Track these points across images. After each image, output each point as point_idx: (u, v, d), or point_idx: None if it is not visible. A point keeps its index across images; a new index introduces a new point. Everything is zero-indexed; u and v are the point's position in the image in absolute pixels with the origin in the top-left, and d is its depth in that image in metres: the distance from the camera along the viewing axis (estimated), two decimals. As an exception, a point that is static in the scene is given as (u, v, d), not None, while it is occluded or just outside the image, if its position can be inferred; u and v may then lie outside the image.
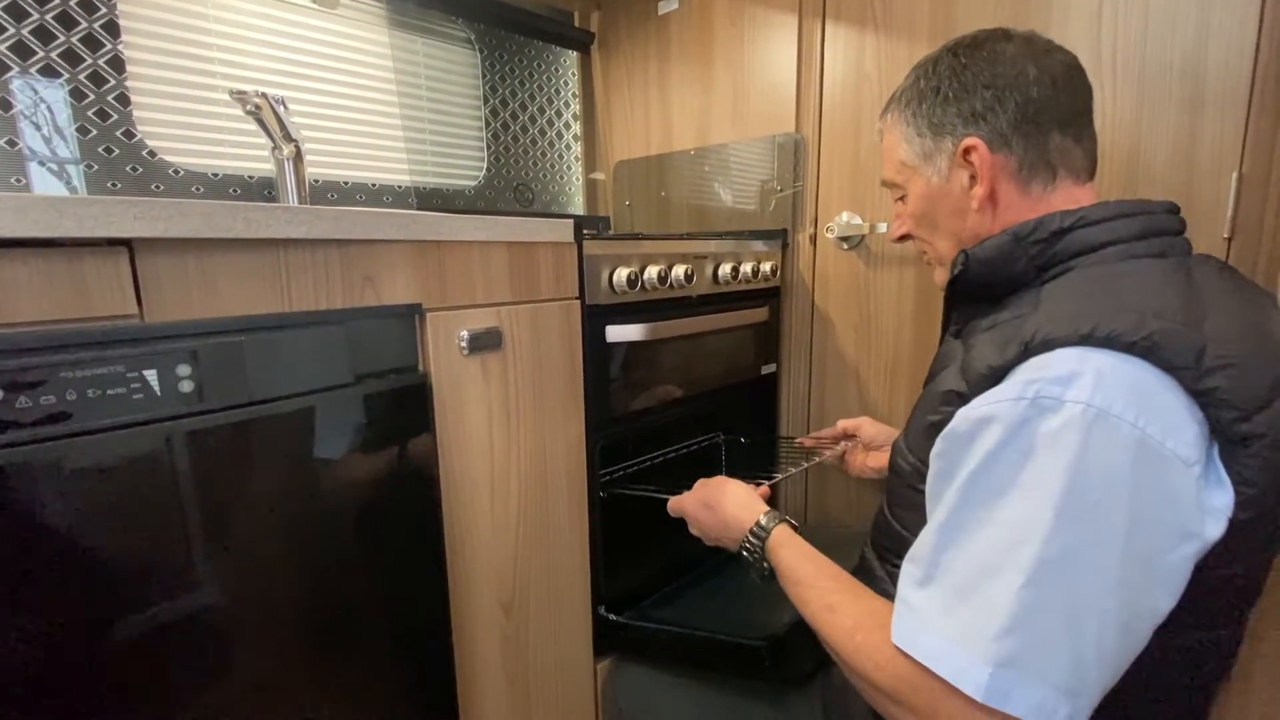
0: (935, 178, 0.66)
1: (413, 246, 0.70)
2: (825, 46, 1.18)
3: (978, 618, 0.45)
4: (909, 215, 0.72)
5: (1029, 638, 0.44)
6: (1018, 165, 0.62)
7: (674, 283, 0.99)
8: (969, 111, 0.63)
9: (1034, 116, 0.61)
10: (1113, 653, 0.45)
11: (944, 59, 0.66)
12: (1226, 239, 0.84)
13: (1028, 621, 0.44)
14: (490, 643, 0.83)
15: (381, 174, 1.28)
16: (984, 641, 0.44)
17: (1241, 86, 0.82)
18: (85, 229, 0.47)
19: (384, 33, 1.26)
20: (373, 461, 0.68)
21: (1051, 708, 0.43)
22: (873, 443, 1.04)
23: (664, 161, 1.47)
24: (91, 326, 0.50)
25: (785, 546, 0.68)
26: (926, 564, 0.49)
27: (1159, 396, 0.46)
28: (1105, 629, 0.44)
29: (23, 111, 0.89)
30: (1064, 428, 0.45)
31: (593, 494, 0.95)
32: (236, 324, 0.56)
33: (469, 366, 0.76)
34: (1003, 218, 0.64)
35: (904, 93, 0.69)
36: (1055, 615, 0.44)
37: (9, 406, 0.45)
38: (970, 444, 0.49)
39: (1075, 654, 0.44)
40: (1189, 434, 0.46)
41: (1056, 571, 0.44)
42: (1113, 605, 0.44)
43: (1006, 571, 0.44)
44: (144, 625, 0.53)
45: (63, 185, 0.94)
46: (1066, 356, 0.47)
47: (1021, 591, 0.44)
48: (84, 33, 0.94)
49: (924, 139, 0.66)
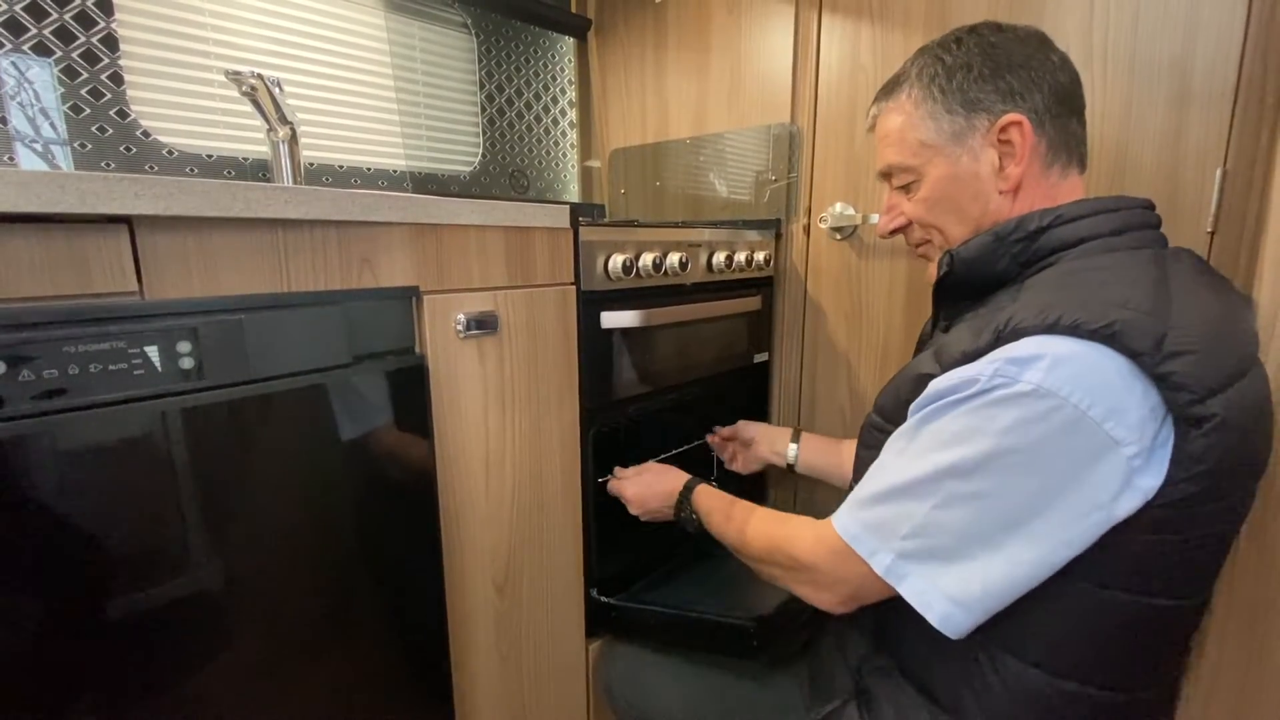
0: (965, 157, 0.64)
1: (410, 229, 0.70)
2: (821, 37, 1.19)
3: (895, 520, 0.56)
4: (920, 201, 0.68)
5: (925, 544, 0.55)
6: (1047, 147, 0.63)
7: (669, 270, 1.00)
8: (1007, 89, 0.62)
9: (1064, 99, 0.62)
10: (999, 582, 0.54)
11: (968, 39, 0.64)
12: (1210, 233, 0.86)
13: (928, 533, 0.54)
14: (484, 622, 0.85)
15: (377, 158, 1.28)
16: (895, 539, 0.56)
17: (1227, 85, 0.83)
18: (86, 205, 0.47)
19: (381, 16, 1.26)
20: (369, 442, 0.69)
21: (929, 601, 0.55)
22: (751, 440, 1.15)
23: (659, 150, 1.47)
24: (93, 303, 0.50)
25: (705, 495, 0.87)
26: (873, 479, 0.60)
27: (1112, 380, 0.49)
28: (992, 562, 0.53)
29: (8, 92, 0.88)
30: (1007, 400, 0.51)
31: (586, 477, 0.97)
32: (236, 303, 0.57)
33: (465, 349, 0.77)
34: (1024, 200, 0.64)
35: (923, 70, 0.65)
36: (950, 537, 0.54)
37: (10, 381, 0.46)
38: (930, 403, 0.57)
39: (962, 572, 0.54)
40: (1133, 417, 0.49)
41: (962, 505, 0.53)
42: (1009, 544, 0.53)
43: (924, 495, 0.55)
44: (141, 602, 0.54)
45: (47, 166, 0.93)
46: (1031, 342, 0.51)
47: (931, 511, 0.54)
48: (77, 10, 0.93)
49: (955, 116, 0.63)
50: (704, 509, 0.85)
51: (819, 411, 1.31)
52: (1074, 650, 0.56)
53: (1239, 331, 0.56)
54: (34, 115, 0.91)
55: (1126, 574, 0.53)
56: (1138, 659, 0.57)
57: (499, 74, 1.47)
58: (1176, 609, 0.56)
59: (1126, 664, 0.57)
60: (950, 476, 0.53)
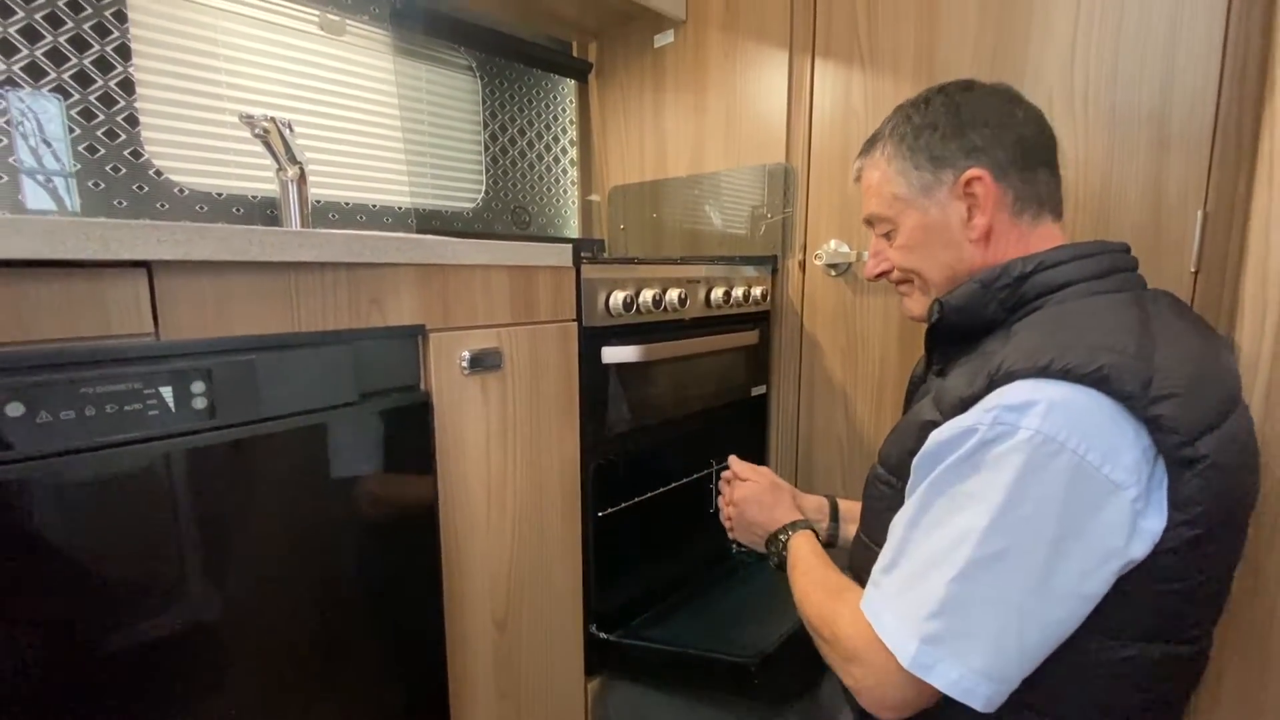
0: (933, 209, 0.68)
1: (418, 269, 0.72)
2: (815, 81, 1.23)
3: (916, 601, 0.53)
4: (899, 249, 0.73)
5: (953, 624, 0.51)
6: (1014, 198, 0.66)
7: (668, 306, 1.02)
8: (970, 145, 0.66)
9: (1028, 152, 0.66)
10: (1034, 647, 0.52)
11: (935, 99, 0.69)
12: (1194, 272, 0.88)
13: (953, 610, 0.51)
14: (483, 658, 0.84)
15: (382, 195, 1.31)
16: (917, 621, 0.52)
17: (1204, 130, 0.87)
18: (110, 251, 0.49)
19: (389, 59, 1.30)
20: (374, 478, 0.69)
21: (968, 686, 0.51)
22: None
23: (658, 187, 1.51)
24: (112, 344, 0.51)
25: (802, 541, 0.79)
26: (893, 552, 0.58)
27: (1105, 424, 0.50)
28: (1026, 625, 0.51)
29: (10, 122, 0.90)
30: (1012, 450, 0.51)
31: (586, 512, 0.97)
32: (248, 343, 0.58)
33: (469, 386, 0.79)
34: (995, 249, 0.67)
35: (895, 129, 0.70)
36: (978, 607, 0.51)
37: (29, 421, 0.47)
38: (936, 460, 0.56)
39: (996, 643, 0.51)
40: (1128, 459, 0.50)
41: (984, 570, 0.51)
42: (1034, 605, 0.51)
43: (944, 566, 0.52)
44: (150, 634, 0.54)
45: (48, 196, 0.94)
46: (1024, 387, 0.52)
47: (951, 584, 0.51)
48: (96, 55, 0.96)
49: (923, 172, 0.68)
50: (793, 552, 0.78)
51: (816, 444, 1.32)
52: (1091, 702, 0.55)
53: (1221, 371, 0.58)
54: (36, 145, 0.92)
55: (1142, 624, 0.53)
56: (1152, 707, 0.57)
57: (502, 114, 1.52)
58: (1190, 655, 0.56)
59: (1141, 711, 0.57)
60: (965, 543, 0.52)
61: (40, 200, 0.94)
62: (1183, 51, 0.87)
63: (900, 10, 1.11)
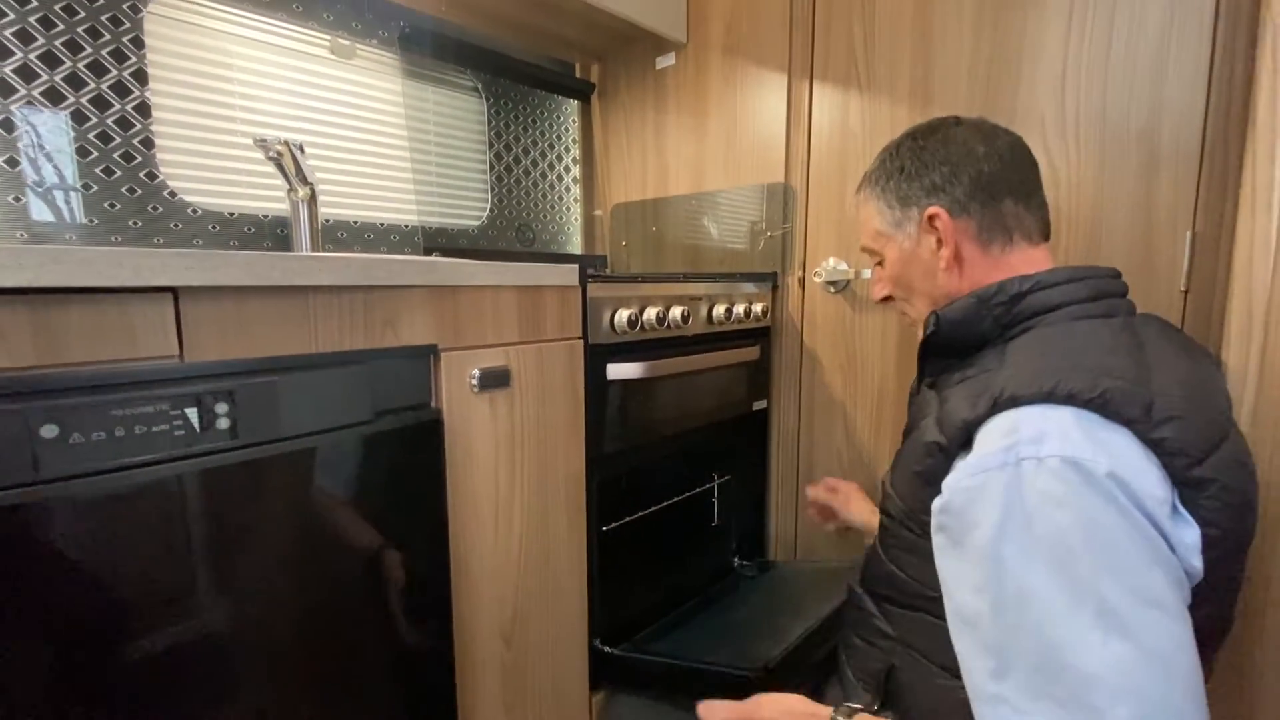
0: (907, 242, 0.75)
1: (430, 290, 0.74)
2: (813, 103, 1.26)
3: (1075, 691, 0.44)
4: (887, 278, 0.80)
5: (1135, 698, 0.43)
6: (977, 229, 0.70)
7: (671, 323, 1.04)
8: (930, 185, 0.72)
9: (986, 186, 0.70)
10: (1195, 679, 0.45)
11: (905, 143, 0.76)
12: (1183, 291, 0.91)
13: (1126, 681, 0.43)
14: (490, 672, 0.86)
15: (390, 214, 1.34)
16: (1094, 713, 0.43)
17: (1192, 153, 0.90)
18: (141, 278, 0.51)
19: (397, 81, 1.33)
20: (387, 494, 0.71)
21: None
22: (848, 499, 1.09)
23: (659, 205, 1.54)
24: (139, 366, 0.53)
25: None
26: (995, 655, 0.50)
27: (1121, 445, 0.51)
28: (1176, 659, 0.44)
29: (15, 138, 0.91)
30: (1050, 482, 0.48)
31: (591, 526, 0.98)
32: (268, 364, 0.60)
33: (479, 403, 0.80)
34: (969, 275, 0.71)
35: (874, 172, 0.79)
36: (1143, 662, 0.43)
37: (63, 442, 0.49)
38: (968, 513, 0.53)
39: (1168, 699, 0.43)
40: (1152, 475, 0.50)
41: (1120, 617, 0.44)
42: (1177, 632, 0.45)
43: (1077, 636, 0.45)
44: (168, 645, 0.55)
45: (47, 209, 0.95)
46: (1032, 414, 0.52)
47: (1103, 650, 0.43)
48: (113, 80, 0.99)
49: (894, 210, 0.75)
50: None
51: (817, 457, 1.33)
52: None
53: (1214, 393, 0.59)
54: (36, 156, 0.92)
55: None
56: None
57: (507, 134, 1.55)
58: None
59: None
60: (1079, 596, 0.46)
61: (39, 211, 0.94)
62: (1171, 76, 0.90)
63: (896, 36, 1.14)
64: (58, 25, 0.94)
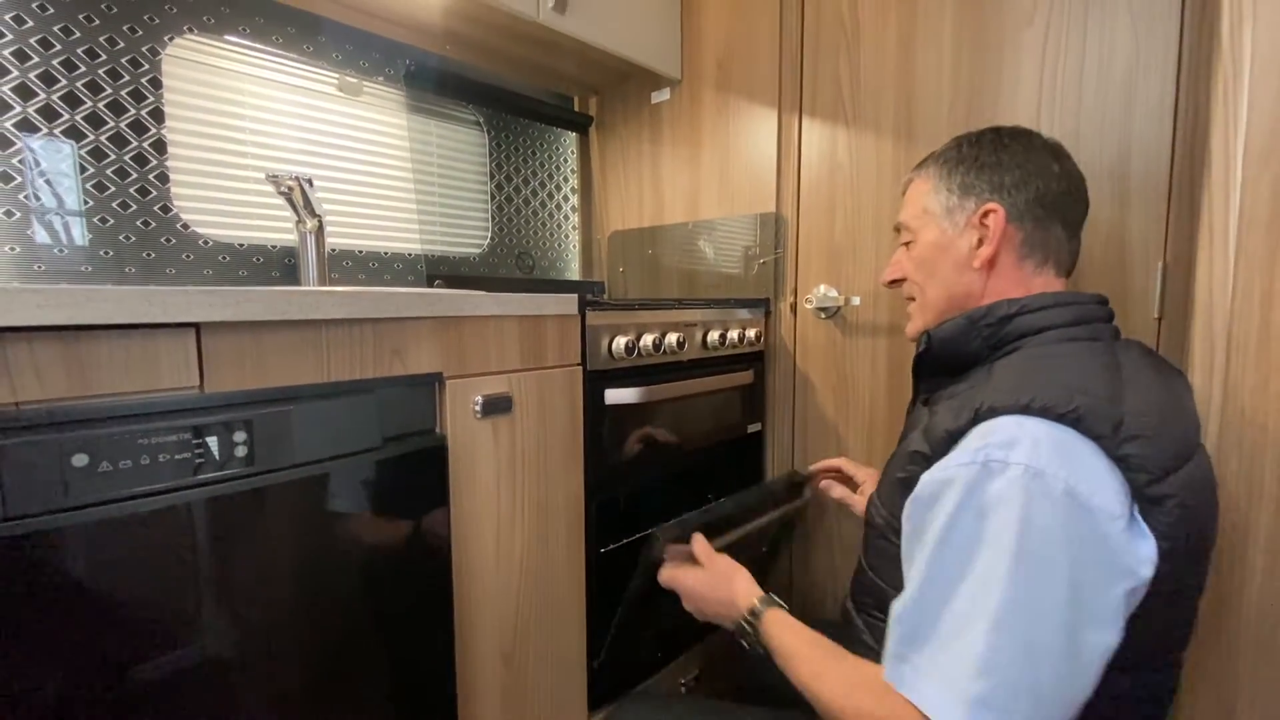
0: (950, 230, 0.75)
1: (436, 321, 0.78)
2: (803, 137, 1.31)
3: (955, 664, 0.52)
4: (912, 259, 0.80)
5: (997, 679, 0.50)
6: (1022, 240, 0.72)
7: (667, 349, 1.08)
8: (997, 183, 0.72)
9: (1048, 204, 0.71)
10: (1068, 687, 0.52)
11: (988, 135, 0.76)
12: (1157, 319, 0.95)
13: (994, 663, 0.50)
14: (491, 692, 0.87)
15: (394, 243, 1.38)
16: (962, 684, 0.51)
17: (1161, 187, 0.94)
18: (168, 315, 0.55)
19: (402, 116, 1.38)
20: (394, 517, 0.74)
21: None
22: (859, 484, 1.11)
23: (655, 233, 1.58)
24: (163, 397, 0.56)
25: (776, 624, 0.72)
26: (914, 618, 0.56)
27: (1084, 458, 0.54)
28: (1058, 665, 0.51)
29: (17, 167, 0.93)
30: (1009, 486, 0.53)
31: (590, 547, 1.01)
32: (284, 394, 0.63)
33: (481, 429, 0.83)
34: (994, 284, 0.73)
35: (943, 154, 0.78)
36: (1016, 655, 0.50)
37: (93, 470, 0.51)
38: (934, 505, 0.58)
39: (1035, 691, 0.50)
40: (1111, 490, 0.54)
41: (1014, 615, 0.50)
42: (1062, 642, 0.51)
43: (976, 620, 0.51)
44: (182, 664, 0.58)
45: (47, 235, 0.97)
46: (1007, 423, 0.56)
47: (987, 635, 0.50)
48: (131, 118, 1.03)
49: (951, 195, 0.75)
50: (772, 640, 0.71)
51: (811, 479, 1.36)
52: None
53: (1184, 416, 0.63)
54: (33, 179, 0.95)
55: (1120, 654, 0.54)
56: None
57: (508, 165, 1.60)
58: (1160, 682, 0.60)
59: None
60: (991, 591, 0.51)
61: (40, 236, 0.96)
62: (1139, 115, 0.95)
63: (880, 73, 1.20)
64: (80, 67, 0.98)
